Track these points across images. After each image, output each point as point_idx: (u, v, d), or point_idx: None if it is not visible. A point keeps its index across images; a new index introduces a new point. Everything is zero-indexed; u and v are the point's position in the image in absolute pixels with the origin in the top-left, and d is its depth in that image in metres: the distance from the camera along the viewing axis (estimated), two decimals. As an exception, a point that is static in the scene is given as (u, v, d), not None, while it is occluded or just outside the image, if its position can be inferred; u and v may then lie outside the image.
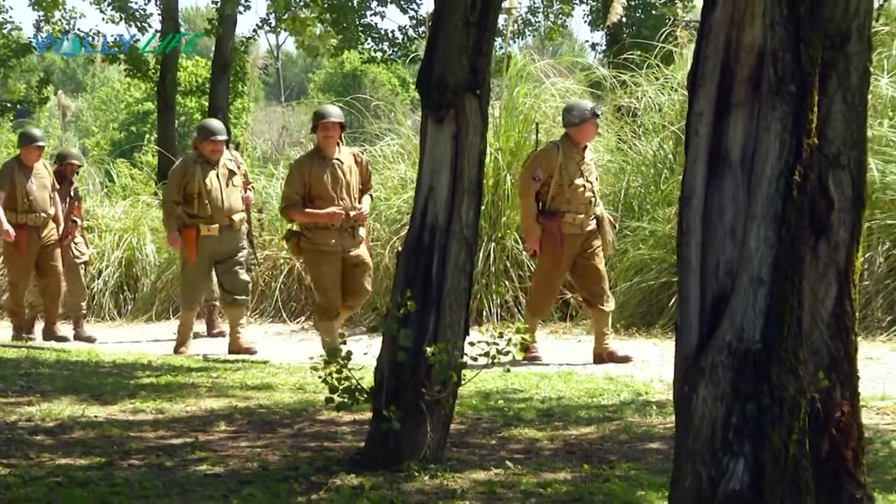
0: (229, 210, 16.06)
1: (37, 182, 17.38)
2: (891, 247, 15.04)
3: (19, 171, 17.33)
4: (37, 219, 17.36)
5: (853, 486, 6.95)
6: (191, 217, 15.95)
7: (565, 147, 14.26)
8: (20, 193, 17.21)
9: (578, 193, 14.15)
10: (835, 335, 6.87)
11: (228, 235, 16.12)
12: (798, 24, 5.85)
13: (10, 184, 17.25)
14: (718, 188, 5.89)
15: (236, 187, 16.24)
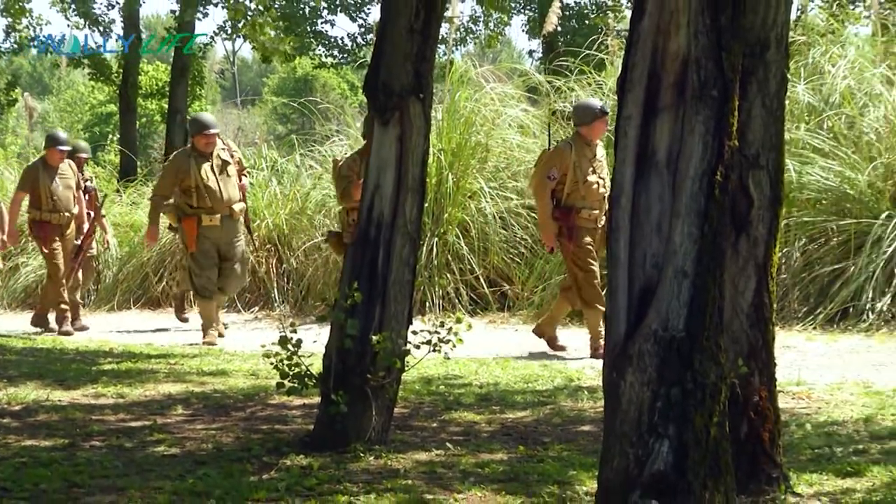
0: (228, 200, 15.66)
1: (61, 182, 17.18)
2: (807, 242, 15.11)
3: (44, 172, 17.12)
4: (60, 217, 17.14)
5: (770, 466, 7.00)
6: (192, 208, 15.59)
7: (577, 145, 13.88)
8: (44, 193, 17.01)
9: (592, 190, 13.79)
10: (754, 325, 6.92)
11: (229, 225, 15.76)
12: (720, 33, 5.87)
13: (34, 183, 17.09)
14: (645, 187, 5.90)
15: (231, 177, 15.81)
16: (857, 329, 13.99)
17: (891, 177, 15.15)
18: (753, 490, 6.82)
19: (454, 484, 7.32)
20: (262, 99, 74.26)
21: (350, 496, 7.04)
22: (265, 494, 7.07)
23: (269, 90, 78.92)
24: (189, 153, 15.77)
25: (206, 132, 15.64)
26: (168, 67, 42.61)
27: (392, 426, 8.44)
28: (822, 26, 18.84)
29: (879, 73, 16.31)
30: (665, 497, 5.74)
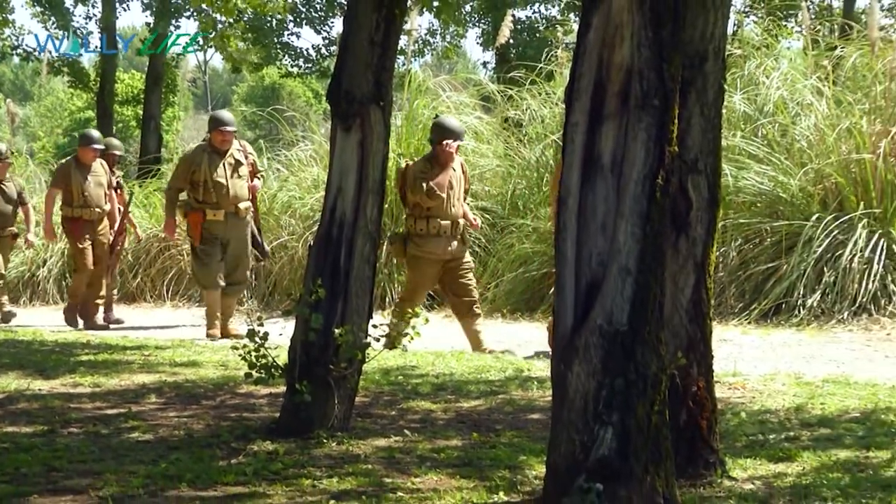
0: (235, 198, 15.20)
1: (93, 180, 16.85)
2: (742, 242, 15.17)
3: (76, 170, 16.78)
4: (91, 213, 16.80)
5: (707, 452, 7.03)
6: (198, 203, 15.20)
7: None
8: (76, 190, 16.68)
9: None
10: (692, 320, 6.93)
11: (234, 222, 15.32)
12: (661, 46, 5.88)
13: (66, 181, 16.78)
14: (591, 189, 5.91)
15: (242, 177, 15.32)
16: (789, 324, 14.05)
17: (820, 181, 15.22)
18: (692, 474, 6.84)
19: (411, 468, 7.32)
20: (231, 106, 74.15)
21: (313, 480, 7.04)
22: (233, 478, 7.06)
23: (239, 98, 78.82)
24: (205, 148, 15.40)
25: (222, 128, 15.29)
26: (143, 76, 42.49)
27: (353, 414, 8.44)
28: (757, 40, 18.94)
29: (810, 85, 16.37)
30: (609, 481, 5.75)
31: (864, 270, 14.12)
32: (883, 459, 7.54)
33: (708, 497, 6.66)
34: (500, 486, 6.85)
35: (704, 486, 6.85)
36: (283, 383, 8.36)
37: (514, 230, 17.28)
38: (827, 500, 6.58)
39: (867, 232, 14.30)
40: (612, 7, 5.92)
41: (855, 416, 8.90)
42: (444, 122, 13.89)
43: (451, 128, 13.67)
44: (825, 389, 9.94)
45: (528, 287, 16.45)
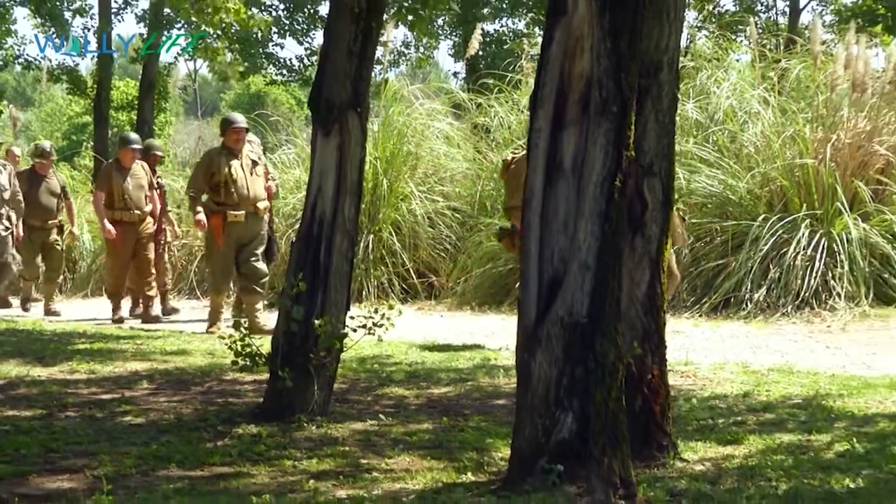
0: (254, 198, 14.38)
1: (133, 182, 16.19)
2: (694, 241, 15.18)
3: (116, 172, 16.15)
4: (132, 216, 16.12)
5: (661, 435, 7.04)
6: (218, 205, 14.34)
7: None
8: (117, 192, 16.05)
9: None
10: (647, 312, 6.94)
11: (253, 222, 14.43)
12: (619, 57, 5.89)
13: (108, 183, 16.15)
14: (554, 191, 5.91)
15: (259, 177, 14.59)
16: (737, 317, 14.08)
17: (767, 184, 15.25)
18: (646, 456, 6.84)
19: (386, 450, 7.32)
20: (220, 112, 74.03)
21: (294, 461, 7.04)
22: (220, 459, 7.06)
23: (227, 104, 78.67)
24: (220, 150, 14.67)
25: (234, 126, 14.58)
26: (137, 83, 42.38)
27: (332, 399, 8.43)
28: (709, 53, 18.99)
29: (757, 95, 16.41)
30: (569, 462, 5.76)
31: (806, 267, 14.16)
32: (823, 442, 7.56)
33: (661, 477, 6.66)
34: (468, 467, 6.85)
35: (658, 467, 6.86)
36: (267, 371, 8.37)
37: (482, 229, 17.28)
38: (771, 480, 6.59)
39: (809, 231, 14.34)
40: (573, 20, 5.92)
41: (797, 402, 8.93)
42: None
43: None
44: (770, 378, 9.96)
45: (495, 282, 16.45)
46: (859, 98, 15.29)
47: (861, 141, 15.12)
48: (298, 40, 40.77)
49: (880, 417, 8.31)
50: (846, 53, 15.60)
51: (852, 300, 13.97)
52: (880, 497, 6.18)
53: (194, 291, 19.49)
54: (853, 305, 13.88)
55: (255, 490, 6.30)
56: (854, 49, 15.61)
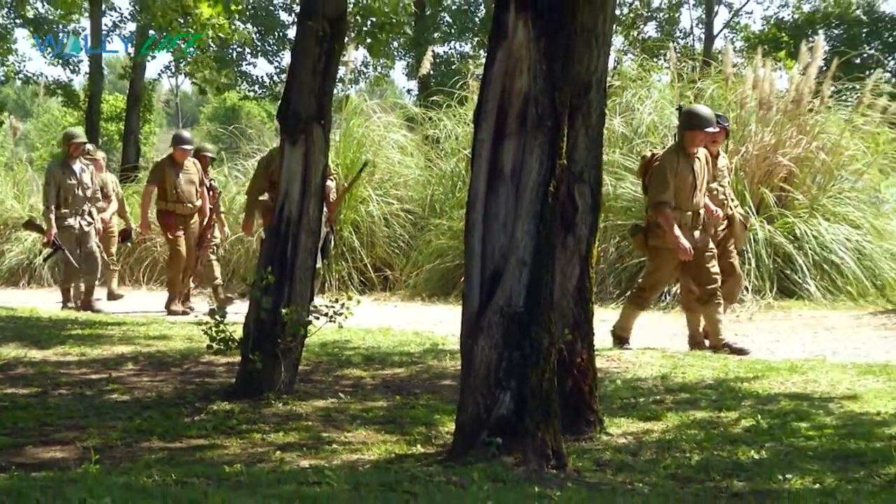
0: None
1: (184, 178, 15.48)
2: (620, 240, 15.22)
3: (170, 168, 15.44)
4: (184, 208, 15.41)
5: (588, 412, 7.06)
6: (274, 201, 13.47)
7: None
8: (170, 186, 15.34)
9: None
10: (577, 303, 6.96)
11: None
12: (554, 77, 5.90)
13: (162, 177, 15.42)
14: (495, 195, 5.92)
15: None
16: (657, 307, 14.11)
17: (684, 190, 15.30)
18: (576, 431, 6.86)
19: (345, 425, 7.32)
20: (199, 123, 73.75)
21: (263, 434, 7.03)
22: (196, 432, 7.05)
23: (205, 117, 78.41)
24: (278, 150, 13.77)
25: None
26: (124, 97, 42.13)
27: (297, 380, 8.41)
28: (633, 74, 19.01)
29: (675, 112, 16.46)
30: (507, 436, 5.78)
31: (718, 264, 14.21)
32: (731, 419, 7.60)
33: (589, 449, 6.68)
34: (418, 440, 6.86)
35: (586, 441, 6.88)
36: (239, 354, 8.35)
37: (432, 228, 17.27)
38: (686, 452, 6.63)
39: (721, 232, 14.40)
40: (513, 44, 5.93)
41: (709, 383, 8.96)
42: (694, 110, 11.34)
43: (702, 115, 11.07)
44: (686, 362, 9.99)
45: (443, 276, 16.44)
46: (765, 115, 15.37)
47: (767, 153, 15.21)
48: (269, 60, 40.80)
49: (782, 397, 8.35)
50: (754, 76, 15.68)
51: (758, 293, 14.04)
52: (781, 467, 6.21)
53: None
54: (759, 298, 13.95)
55: (227, 460, 6.29)
56: (761, 72, 15.70)
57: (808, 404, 8.07)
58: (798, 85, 15.38)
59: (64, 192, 14.97)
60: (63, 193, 14.96)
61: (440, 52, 39.14)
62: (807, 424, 7.41)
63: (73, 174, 15.07)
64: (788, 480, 5.92)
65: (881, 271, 14.16)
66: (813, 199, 15.27)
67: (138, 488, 5.02)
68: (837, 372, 9.40)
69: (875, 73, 17.46)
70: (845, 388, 8.71)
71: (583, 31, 6.63)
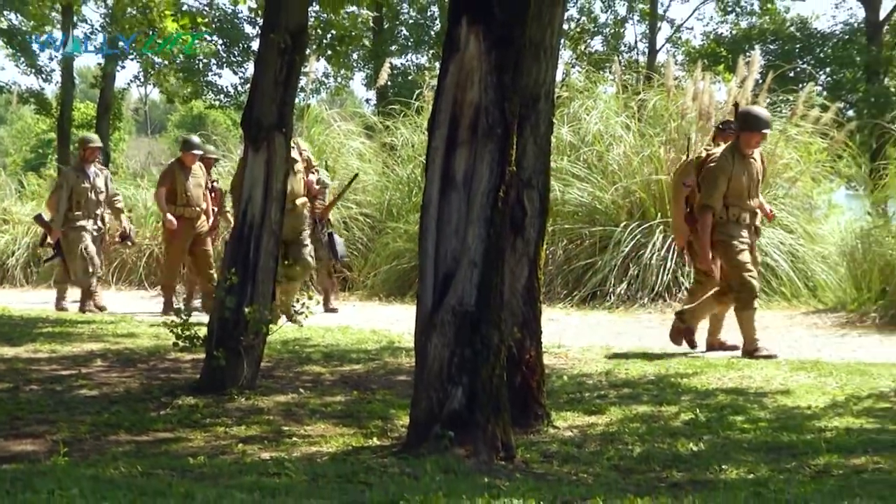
0: (292, 194, 12.42)
1: (193, 181, 15.08)
2: (567, 243, 15.25)
3: (179, 171, 15.00)
4: (192, 212, 14.95)
5: (536, 407, 7.08)
6: None
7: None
8: (180, 189, 14.88)
9: None
10: (526, 303, 6.98)
11: (291, 217, 12.44)
12: (504, 88, 5.91)
13: (172, 180, 14.93)
14: (448, 201, 5.92)
15: (297, 173, 13.03)
16: (602, 307, 14.16)
17: (628, 196, 15.34)
18: (524, 424, 6.88)
19: (304, 419, 7.31)
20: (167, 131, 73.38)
21: (226, 427, 7.02)
22: (162, 426, 7.04)
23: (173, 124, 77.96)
24: None
25: None
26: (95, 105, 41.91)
27: (259, 375, 8.39)
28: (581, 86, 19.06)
29: (620, 121, 16.50)
30: (459, 429, 5.78)
31: (660, 266, 14.26)
32: (671, 413, 7.64)
33: (536, 442, 6.70)
34: (374, 433, 6.86)
35: (534, 433, 6.90)
36: (203, 351, 8.34)
37: (389, 231, 17.23)
38: (628, 444, 6.65)
39: (663, 236, 14.45)
40: (465, 57, 5.94)
41: (651, 379, 9.01)
42: (751, 111, 10.91)
43: (759, 117, 10.65)
44: (629, 358, 10.04)
45: (399, 277, 16.40)
46: (705, 125, 15.43)
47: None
48: (234, 71, 40.61)
49: (719, 392, 8.41)
50: (694, 88, 15.75)
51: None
52: (718, 458, 6.25)
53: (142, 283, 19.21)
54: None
55: (191, 452, 6.27)
56: (700, 84, 15.77)
57: (743, 399, 8.13)
58: (735, 97, 15.45)
59: (77, 195, 14.67)
60: (76, 196, 14.67)
61: (397, 64, 39.10)
62: (742, 418, 7.46)
63: (87, 178, 14.78)
64: (724, 471, 5.96)
65: (813, 273, 14.25)
66: (749, 205, 15.35)
67: (105, 480, 4.99)
68: (771, 368, 9.46)
69: (808, 87, 17.56)
70: (778, 383, 8.78)
71: (531, 45, 6.65)
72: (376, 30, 36.54)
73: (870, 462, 6.15)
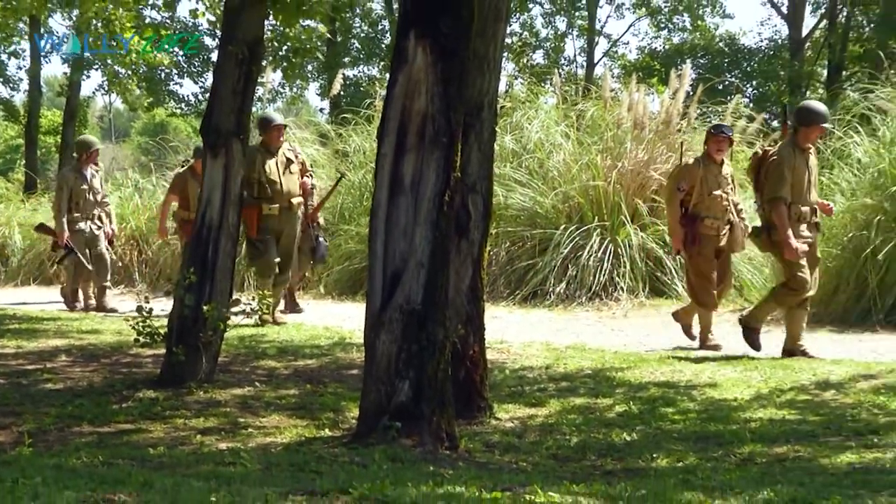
0: (288, 194, 12.52)
1: None
2: (510, 245, 15.25)
3: (192, 179, 14.05)
4: None
5: (479, 399, 7.09)
6: (254, 198, 12.27)
7: (706, 163, 10.80)
8: (192, 196, 13.62)
9: (717, 202, 10.75)
10: (470, 301, 6.98)
11: (287, 216, 12.58)
12: (449, 98, 5.92)
13: (184, 188, 14.24)
14: (396, 204, 5.92)
15: (293, 174, 12.68)
16: (543, 305, 14.18)
17: (567, 201, 15.37)
18: (468, 416, 6.89)
19: (260, 411, 7.29)
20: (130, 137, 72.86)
21: (185, 419, 6.98)
22: (124, 418, 6.99)
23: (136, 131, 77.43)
24: (258, 149, 12.51)
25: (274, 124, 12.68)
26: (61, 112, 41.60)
27: (216, 370, 8.36)
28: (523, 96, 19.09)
29: (560, 130, 16.54)
30: (405, 420, 5.79)
31: (597, 267, 14.30)
32: (607, 405, 7.67)
33: (479, 432, 6.71)
34: (326, 424, 6.84)
35: (477, 425, 6.91)
36: (164, 347, 8.30)
37: (341, 234, 17.17)
38: (565, 434, 6.68)
39: (600, 239, 14.50)
40: (413, 68, 5.94)
41: (588, 373, 9.03)
42: (811, 106, 10.46)
43: (818, 111, 10.22)
44: (567, 354, 10.06)
45: (351, 277, 16.36)
46: (639, 134, 15.51)
47: (640, 168, 15.34)
48: (194, 80, 40.54)
49: (652, 385, 8.45)
50: (629, 99, 15.83)
51: (632, 293, 14.15)
52: (649, 448, 6.28)
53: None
54: (633, 297, 14.06)
55: (151, 443, 6.23)
56: (635, 96, 15.86)
57: (674, 391, 8.17)
58: (668, 108, 15.55)
59: (76, 196, 14.37)
60: (75, 198, 14.40)
61: (350, 75, 39.14)
62: (672, 409, 7.51)
63: (85, 180, 14.53)
64: (655, 459, 5.99)
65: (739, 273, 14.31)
66: (680, 210, 15.44)
67: (68, 469, 4.95)
68: (700, 363, 9.52)
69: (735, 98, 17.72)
70: (707, 377, 8.83)
71: (476, 57, 6.66)
72: (330, 42, 36.49)
73: (791, 451, 6.21)
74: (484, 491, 4.59)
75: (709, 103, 17.14)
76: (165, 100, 40.33)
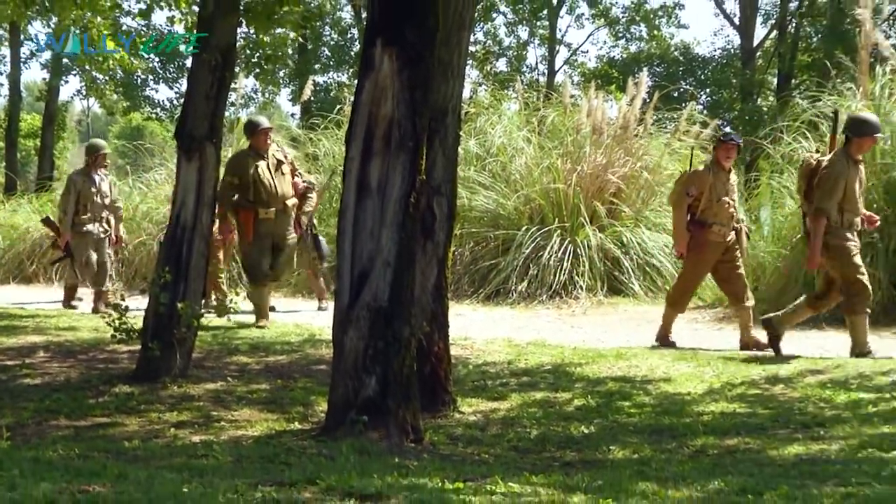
0: (283, 196, 11.96)
1: None
2: (473, 245, 15.27)
3: None
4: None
5: (444, 394, 7.10)
6: (249, 202, 11.75)
7: (715, 170, 10.61)
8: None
9: (724, 209, 10.57)
10: (435, 299, 6.98)
11: (282, 219, 11.99)
12: (415, 104, 5.93)
13: None
14: (363, 206, 5.92)
15: (285, 175, 12.09)
16: (505, 303, 14.20)
17: (528, 203, 15.40)
18: (432, 410, 6.89)
19: (232, 405, 7.27)
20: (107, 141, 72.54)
21: (159, 413, 6.96)
22: (100, 412, 6.97)
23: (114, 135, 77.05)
24: (248, 152, 12.17)
25: (265, 128, 12.14)
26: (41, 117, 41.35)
27: (190, 365, 8.33)
28: (486, 103, 19.14)
29: (522, 135, 16.57)
30: (372, 414, 5.79)
31: (557, 266, 14.33)
32: (566, 399, 7.69)
33: (443, 426, 6.71)
34: (296, 418, 6.83)
35: (441, 418, 6.91)
36: (139, 343, 8.27)
37: (312, 235, 17.15)
38: (526, 427, 6.69)
39: (560, 239, 14.54)
40: (379, 75, 5.95)
41: (548, 368, 9.04)
42: (864, 118, 10.13)
43: (871, 123, 9.95)
44: (528, 350, 10.07)
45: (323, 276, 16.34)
46: (598, 139, 15.57)
47: (599, 171, 15.39)
48: (169, 86, 40.41)
49: (609, 380, 8.47)
50: (588, 105, 15.89)
51: (591, 291, 14.19)
52: (606, 440, 6.31)
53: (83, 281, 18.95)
54: (592, 295, 14.10)
55: (127, 437, 6.21)
56: (594, 102, 15.91)
57: (630, 386, 8.20)
58: (625, 114, 15.62)
59: (83, 199, 14.10)
60: (82, 201, 14.16)
61: (320, 81, 39.01)
62: (629, 403, 7.53)
63: (94, 183, 14.30)
64: (612, 451, 6.01)
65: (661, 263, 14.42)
66: (638, 212, 15.49)
67: (45, 461, 4.93)
68: (655, 358, 9.54)
69: (689, 105, 17.76)
70: (662, 372, 8.86)
71: (440, 65, 6.66)
72: (301, 50, 36.43)
73: (741, 443, 6.24)
74: (447, 482, 4.60)
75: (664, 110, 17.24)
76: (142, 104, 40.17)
